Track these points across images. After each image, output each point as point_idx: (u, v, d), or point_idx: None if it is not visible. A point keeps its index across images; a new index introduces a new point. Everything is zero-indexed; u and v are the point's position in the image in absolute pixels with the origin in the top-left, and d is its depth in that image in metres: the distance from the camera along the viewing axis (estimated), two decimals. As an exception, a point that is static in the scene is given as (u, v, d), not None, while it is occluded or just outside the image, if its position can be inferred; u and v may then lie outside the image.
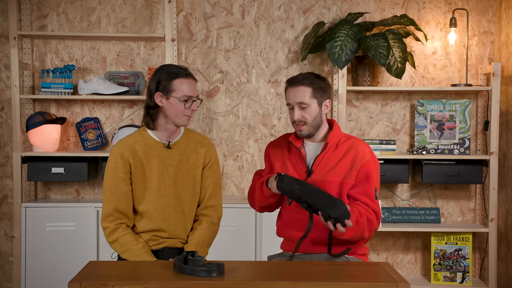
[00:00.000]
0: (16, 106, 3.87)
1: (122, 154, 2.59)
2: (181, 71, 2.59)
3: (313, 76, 2.59)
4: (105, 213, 2.58)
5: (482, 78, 4.09)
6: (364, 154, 2.56)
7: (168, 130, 2.64)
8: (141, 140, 2.63)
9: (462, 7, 4.10)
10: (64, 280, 2.84)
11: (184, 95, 2.56)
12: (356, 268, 2.32)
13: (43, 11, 4.09)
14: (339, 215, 2.31)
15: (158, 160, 2.61)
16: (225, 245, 3.68)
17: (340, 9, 4.12)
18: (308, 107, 2.56)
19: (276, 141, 2.76)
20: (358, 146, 2.59)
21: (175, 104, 2.57)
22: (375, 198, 2.55)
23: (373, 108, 4.16)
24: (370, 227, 2.50)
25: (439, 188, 4.17)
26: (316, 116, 2.58)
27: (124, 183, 2.58)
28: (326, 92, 2.60)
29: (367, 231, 2.49)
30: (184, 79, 2.58)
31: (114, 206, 2.57)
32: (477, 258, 4.13)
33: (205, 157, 2.70)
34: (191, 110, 2.59)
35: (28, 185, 4.05)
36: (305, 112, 2.56)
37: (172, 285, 2.03)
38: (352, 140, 2.62)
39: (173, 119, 2.60)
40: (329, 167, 2.57)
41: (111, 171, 2.59)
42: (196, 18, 4.12)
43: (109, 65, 4.12)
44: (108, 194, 2.58)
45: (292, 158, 2.64)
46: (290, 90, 2.59)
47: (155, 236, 2.62)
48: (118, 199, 2.57)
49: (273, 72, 4.14)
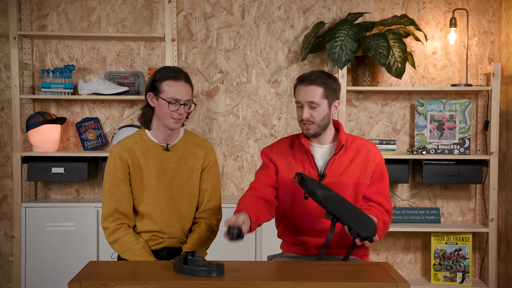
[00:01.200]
0: (16, 106, 3.87)
1: (120, 155, 2.59)
2: (173, 74, 2.55)
3: (325, 75, 2.53)
4: (106, 213, 2.58)
5: (482, 78, 4.09)
6: (376, 154, 2.57)
7: (162, 131, 2.62)
8: (140, 141, 2.63)
9: (462, 7, 4.10)
10: (64, 280, 2.84)
11: (170, 97, 2.53)
12: (356, 268, 2.32)
13: (43, 11, 4.09)
14: (369, 235, 2.29)
15: (156, 162, 2.61)
16: (225, 245, 3.68)
17: (340, 9, 4.12)
18: (318, 107, 2.51)
19: (272, 145, 2.68)
20: (368, 146, 2.59)
21: (162, 105, 2.54)
22: (388, 197, 2.57)
23: (373, 108, 4.16)
24: (385, 229, 2.52)
25: (439, 188, 4.17)
26: (325, 117, 2.53)
27: (124, 183, 2.58)
28: (336, 93, 2.56)
29: (382, 234, 2.48)
30: (173, 81, 2.54)
31: (115, 207, 2.57)
32: (477, 258, 4.13)
33: (204, 160, 2.68)
34: (178, 113, 2.54)
35: (28, 185, 4.05)
36: (315, 111, 2.51)
37: (172, 285, 2.03)
38: (359, 140, 2.61)
39: (162, 121, 2.58)
40: (342, 169, 2.54)
41: (110, 172, 2.59)
42: (196, 18, 4.12)
43: (109, 65, 4.12)
44: (108, 195, 2.58)
45: (300, 161, 2.58)
46: (301, 88, 2.52)
47: (155, 236, 2.62)
48: (118, 199, 2.57)
49: (273, 72, 4.14)
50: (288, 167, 2.58)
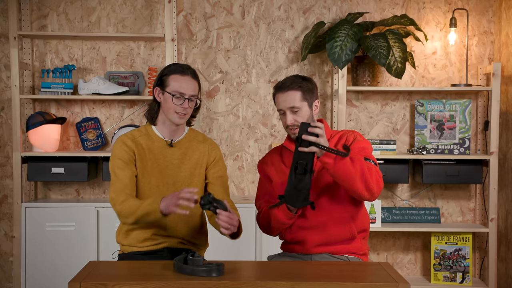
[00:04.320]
0: (16, 106, 3.87)
1: (125, 142, 2.60)
2: (180, 68, 2.59)
3: (300, 78, 2.59)
4: (113, 191, 2.53)
5: (482, 78, 4.09)
6: (349, 134, 2.61)
7: (167, 127, 2.64)
8: (145, 135, 2.65)
9: (462, 7, 4.10)
10: (64, 280, 2.84)
11: (175, 90, 2.55)
12: (356, 268, 2.32)
13: (43, 11, 4.09)
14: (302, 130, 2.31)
15: (159, 157, 2.61)
16: (225, 245, 3.68)
17: (340, 9, 4.12)
18: (300, 110, 2.56)
19: (265, 157, 2.77)
20: (348, 132, 2.64)
21: (167, 99, 2.57)
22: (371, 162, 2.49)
23: (373, 108, 4.16)
24: (371, 175, 2.39)
25: (439, 188, 4.18)
26: (308, 118, 2.58)
27: (129, 167, 2.56)
28: (314, 93, 2.62)
29: (368, 176, 2.38)
30: (179, 75, 2.57)
31: (121, 187, 2.53)
32: (477, 258, 4.13)
33: (209, 156, 2.69)
34: (182, 107, 2.56)
35: (28, 185, 4.05)
36: (297, 115, 2.56)
37: (172, 285, 2.03)
38: (342, 131, 2.67)
39: (166, 115, 2.60)
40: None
41: (116, 156, 2.58)
42: (196, 18, 4.12)
43: (109, 65, 4.12)
44: (114, 176, 2.56)
45: (287, 163, 2.64)
46: (279, 96, 2.58)
47: (155, 235, 2.62)
48: (123, 178, 2.54)
49: (273, 72, 4.14)
50: (279, 173, 2.66)
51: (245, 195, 4.16)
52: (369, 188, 2.40)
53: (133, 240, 2.63)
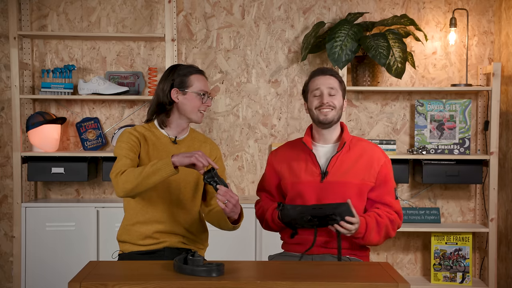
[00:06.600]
0: (16, 106, 3.87)
1: (132, 132, 2.61)
2: (196, 68, 2.69)
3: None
4: (115, 166, 2.49)
5: (482, 78, 4.09)
6: (379, 157, 2.62)
7: (179, 127, 2.67)
8: (150, 130, 2.67)
9: (462, 7, 4.10)
10: (64, 280, 2.84)
11: (201, 89, 2.64)
12: (356, 268, 2.32)
13: (43, 11, 4.09)
14: (342, 210, 2.39)
15: (163, 153, 2.62)
16: (225, 245, 3.68)
17: (340, 9, 4.12)
18: (337, 95, 2.61)
19: (278, 150, 2.75)
20: (372, 148, 2.64)
21: (191, 99, 2.62)
22: (395, 198, 2.63)
23: (373, 108, 4.16)
24: (393, 226, 2.59)
25: (439, 188, 4.18)
26: (341, 107, 2.63)
27: (134, 151, 2.56)
28: (345, 92, 2.70)
29: (391, 230, 2.59)
30: (200, 75, 2.68)
31: (124, 163, 2.50)
32: (477, 258, 4.13)
33: (210, 155, 2.72)
34: (206, 105, 2.66)
35: (28, 185, 4.05)
36: (334, 98, 2.60)
37: (172, 285, 2.03)
38: (365, 142, 2.67)
39: (188, 115, 2.63)
40: (345, 168, 2.57)
41: (122, 142, 2.56)
42: (196, 18, 4.13)
43: (109, 65, 4.12)
44: (118, 157, 2.54)
45: (302, 161, 2.63)
46: (319, 78, 2.63)
47: (156, 234, 2.62)
48: (126, 160, 2.51)
49: (273, 72, 4.14)
50: (290, 172, 2.64)
51: (245, 195, 4.16)
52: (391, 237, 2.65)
53: (134, 235, 2.62)
